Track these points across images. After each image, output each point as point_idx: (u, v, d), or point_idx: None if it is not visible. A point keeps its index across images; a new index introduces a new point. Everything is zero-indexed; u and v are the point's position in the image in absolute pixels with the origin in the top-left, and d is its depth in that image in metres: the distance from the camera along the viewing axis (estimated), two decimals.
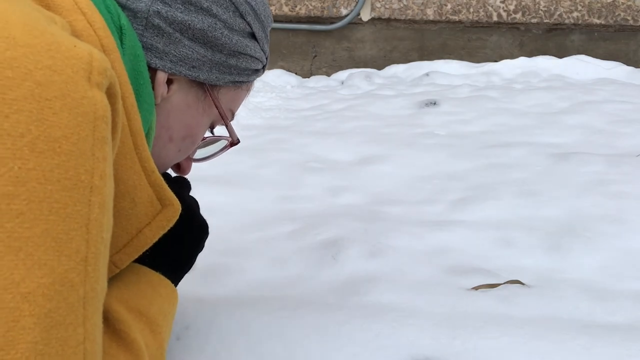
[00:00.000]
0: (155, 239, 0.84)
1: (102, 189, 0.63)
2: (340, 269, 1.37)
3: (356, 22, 4.11)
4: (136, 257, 0.84)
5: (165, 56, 0.87)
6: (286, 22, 4.11)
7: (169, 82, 0.90)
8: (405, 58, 4.14)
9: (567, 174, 1.94)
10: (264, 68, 1.03)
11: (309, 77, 4.08)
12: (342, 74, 4.03)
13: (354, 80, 3.77)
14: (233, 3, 0.91)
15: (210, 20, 0.88)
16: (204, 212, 1.83)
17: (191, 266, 1.02)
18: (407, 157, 2.24)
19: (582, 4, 3.98)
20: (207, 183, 1.99)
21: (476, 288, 1.25)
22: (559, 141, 2.37)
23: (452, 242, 1.51)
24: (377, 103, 3.11)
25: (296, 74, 4.12)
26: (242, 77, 0.96)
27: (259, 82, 3.71)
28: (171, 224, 0.85)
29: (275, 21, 4.11)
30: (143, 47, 0.85)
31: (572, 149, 2.24)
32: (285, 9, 4.06)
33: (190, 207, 1.02)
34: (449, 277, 1.31)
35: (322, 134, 2.61)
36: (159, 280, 0.91)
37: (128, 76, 0.79)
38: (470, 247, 1.48)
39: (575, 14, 3.99)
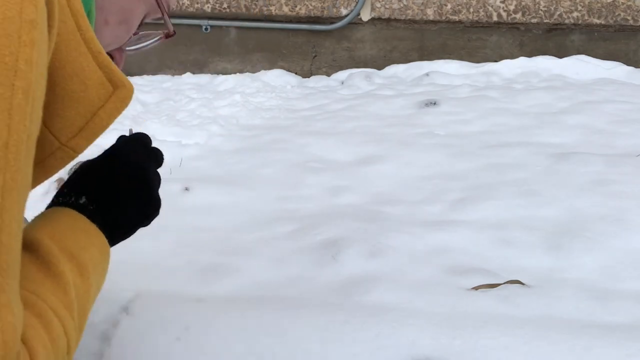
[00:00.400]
0: (111, 121, 0.83)
1: (28, 74, 0.62)
2: (340, 269, 1.37)
3: (356, 22, 4.11)
4: (93, 141, 0.83)
5: None
6: (286, 22, 4.11)
7: None
8: (405, 58, 4.13)
9: (567, 174, 1.94)
10: None
11: (309, 77, 4.08)
12: (342, 74, 4.03)
13: (354, 80, 3.77)
14: None
15: None
16: (203, 212, 1.83)
17: (129, 236, 1.00)
18: (407, 157, 2.23)
19: (582, 4, 3.98)
20: (207, 183, 1.99)
21: (476, 288, 1.25)
22: (559, 141, 2.36)
23: (452, 242, 1.51)
24: (377, 103, 3.11)
25: (296, 74, 4.12)
26: None
27: (258, 82, 3.71)
28: (126, 105, 0.84)
29: (275, 21, 4.11)
30: None
31: (572, 149, 2.24)
32: (285, 9, 4.06)
33: (151, 182, 1.00)
34: (449, 277, 1.31)
35: (322, 134, 2.60)
36: (95, 231, 0.89)
37: None
38: (470, 247, 1.48)
39: (575, 14, 3.99)
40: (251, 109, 3.13)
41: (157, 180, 1.03)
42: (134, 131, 1.08)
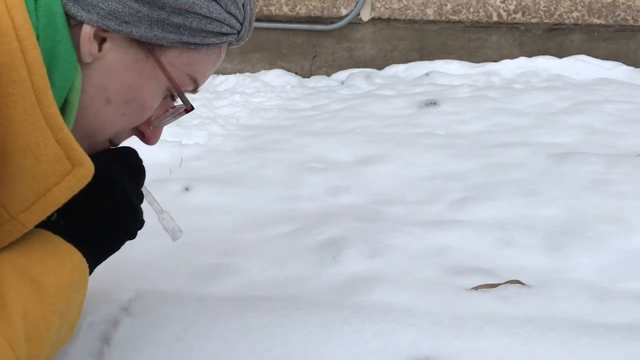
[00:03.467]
0: (65, 200, 0.82)
1: None
2: (340, 269, 1.37)
3: (356, 22, 4.11)
4: (44, 217, 0.83)
5: (93, 9, 0.84)
6: (286, 22, 4.11)
7: (103, 40, 0.87)
8: (405, 58, 4.13)
9: (567, 174, 1.94)
10: (239, 34, 0.97)
11: (309, 77, 4.08)
12: (342, 74, 4.03)
13: (354, 80, 3.77)
14: None
15: None
16: (203, 212, 1.83)
17: (113, 250, 0.98)
18: (407, 157, 2.23)
19: (582, 4, 3.98)
20: (207, 183, 1.99)
21: (476, 288, 1.25)
22: (559, 141, 2.36)
23: (452, 242, 1.51)
24: (377, 103, 3.11)
25: (296, 74, 4.12)
26: (196, 38, 0.91)
27: (258, 82, 3.71)
28: (82, 185, 0.83)
29: (275, 21, 4.11)
30: None
31: (572, 149, 2.24)
32: (285, 9, 4.06)
33: (124, 192, 0.97)
34: (449, 277, 1.31)
35: (322, 134, 2.61)
36: (69, 251, 0.88)
37: (41, 32, 0.79)
38: (470, 247, 1.48)
39: (575, 14, 3.99)
40: (251, 109, 3.13)
41: (132, 190, 1.00)
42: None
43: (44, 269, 0.83)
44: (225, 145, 2.54)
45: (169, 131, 2.65)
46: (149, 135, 1.00)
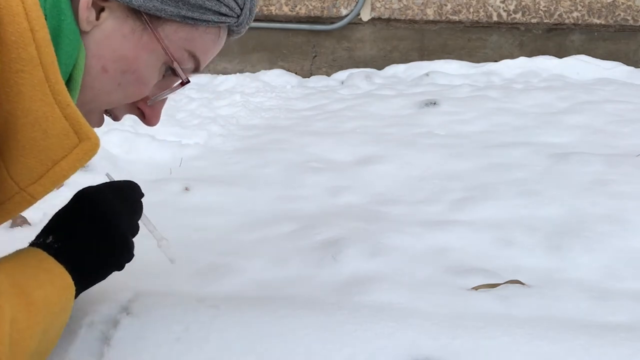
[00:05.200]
0: (72, 172, 0.86)
1: None
2: (340, 269, 1.37)
3: (356, 22, 4.11)
4: (52, 189, 0.86)
5: None
6: (286, 22, 4.11)
7: (101, 10, 0.89)
8: (405, 58, 4.14)
9: (567, 174, 1.94)
10: (238, 18, 0.98)
11: (309, 77, 4.08)
12: (342, 74, 4.03)
13: (354, 80, 3.77)
14: None
15: None
16: (203, 212, 1.82)
17: (100, 279, 1.03)
18: (407, 157, 2.23)
19: (582, 4, 3.98)
20: (207, 183, 1.99)
21: (476, 288, 1.25)
22: (559, 141, 2.36)
23: (452, 242, 1.51)
24: (377, 103, 3.11)
25: (296, 73, 4.12)
26: (195, 13, 0.92)
27: (258, 82, 3.71)
28: (89, 158, 0.86)
29: (275, 21, 4.11)
30: None
31: (572, 149, 2.24)
32: (285, 9, 4.06)
33: (117, 226, 1.02)
34: (449, 277, 1.31)
35: (322, 134, 2.61)
36: (59, 272, 0.92)
37: (48, 12, 0.82)
38: (470, 247, 1.48)
39: (575, 14, 3.99)
40: (251, 108, 3.13)
41: (127, 226, 1.04)
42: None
43: (35, 284, 0.86)
44: (225, 145, 2.54)
45: (169, 131, 2.65)
46: (148, 114, 1.02)
